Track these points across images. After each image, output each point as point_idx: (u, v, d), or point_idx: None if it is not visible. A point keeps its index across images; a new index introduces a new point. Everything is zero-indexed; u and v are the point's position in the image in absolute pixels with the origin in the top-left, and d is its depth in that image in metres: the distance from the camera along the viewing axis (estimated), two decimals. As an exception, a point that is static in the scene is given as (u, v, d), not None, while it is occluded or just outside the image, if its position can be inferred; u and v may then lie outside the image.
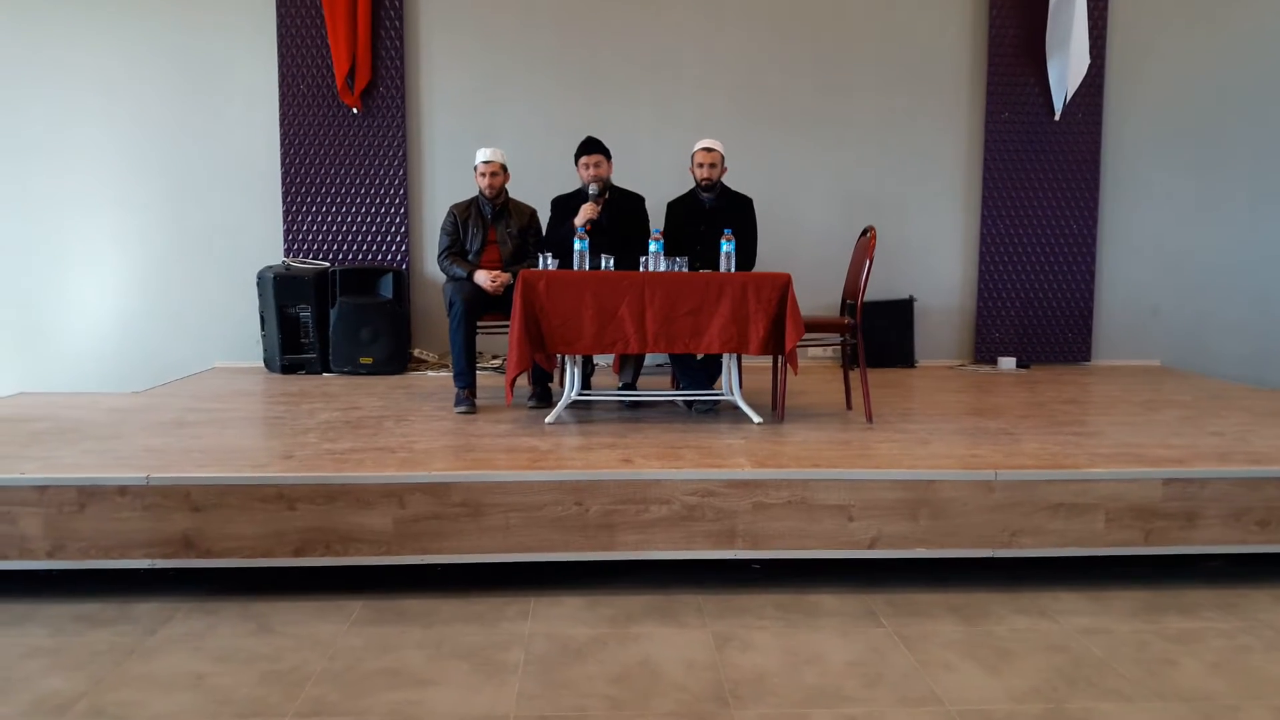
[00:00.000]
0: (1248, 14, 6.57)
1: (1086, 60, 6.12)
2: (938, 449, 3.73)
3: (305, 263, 6.14)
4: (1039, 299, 6.59)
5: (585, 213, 4.59)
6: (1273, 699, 2.55)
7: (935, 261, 6.61)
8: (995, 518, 3.32)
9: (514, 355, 4.08)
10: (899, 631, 2.95)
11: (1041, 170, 6.51)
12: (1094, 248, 6.59)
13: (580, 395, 4.38)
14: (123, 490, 3.14)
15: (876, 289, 6.13)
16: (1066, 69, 6.19)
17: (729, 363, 4.37)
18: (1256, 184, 6.67)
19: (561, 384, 4.50)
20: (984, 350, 6.60)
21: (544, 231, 4.96)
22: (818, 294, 5.72)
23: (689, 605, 3.14)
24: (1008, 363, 6.47)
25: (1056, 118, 6.43)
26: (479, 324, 4.72)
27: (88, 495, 3.13)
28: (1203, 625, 3.03)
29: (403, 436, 3.90)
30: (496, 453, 3.60)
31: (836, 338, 4.66)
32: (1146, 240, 6.65)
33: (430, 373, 5.89)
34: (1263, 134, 6.64)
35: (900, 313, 6.44)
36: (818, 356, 6.44)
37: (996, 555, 3.34)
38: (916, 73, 6.49)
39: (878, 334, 6.12)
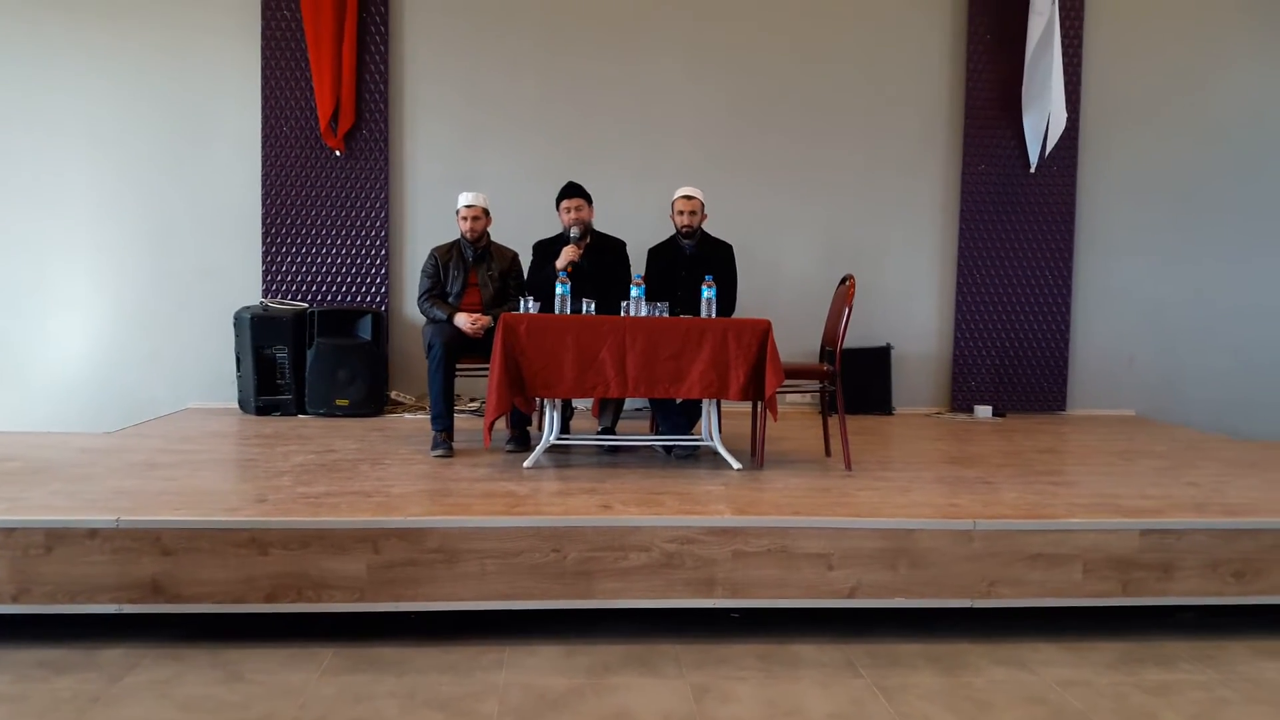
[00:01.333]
0: (1221, 69, 6.72)
1: (1063, 116, 6.23)
2: (917, 497, 3.73)
3: (283, 303, 6.11)
4: (1015, 348, 6.65)
5: (566, 255, 4.61)
6: (1252, 754, 2.54)
7: (912, 310, 6.67)
8: (974, 567, 3.31)
9: (493, 398, 4.06)
10: (878, 683, 2.92)
11: (1017, 221, 6.60)
12: (1069, 298, 6.66)
13: (559, 439, 4.36)
14: (92, 533, 3.08)
15: (854, 336, 6.16)
16: (1043, 123, 6.30)
17: (709, 408, 4.36)
18: (1230, 235, 6.79)
19: (540, 428, 4.47)
20: (960, 398, 6.63)
21: (525, 275, 4.97)
22: (797, 340, 5.74)
23: (667, 655, 3.11)
24: (984, 411, 6.50)
25: (1032, 170, 6.53)
26: (458, 366, 4.70)
27: (55, 538, 3.07)
28: (1181, 677, 3.03)
29: (378, 480, 3.86)
30: (473, 498, 3.57)
31: (816, 384, 4.67)
32: (1121, 291, 6.74)
33: (407, 415, 5.85)
34: (1236, 186, 6.77)
35: (878, 360, 6.47)
36: (796, 402, 6.45)
37: (975, 605, 3.33)
38: (894, 124, 6.59)
39: (855, 381, 6.14)
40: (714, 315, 4.33)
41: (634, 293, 4.30)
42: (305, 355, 5.82)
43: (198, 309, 6.24)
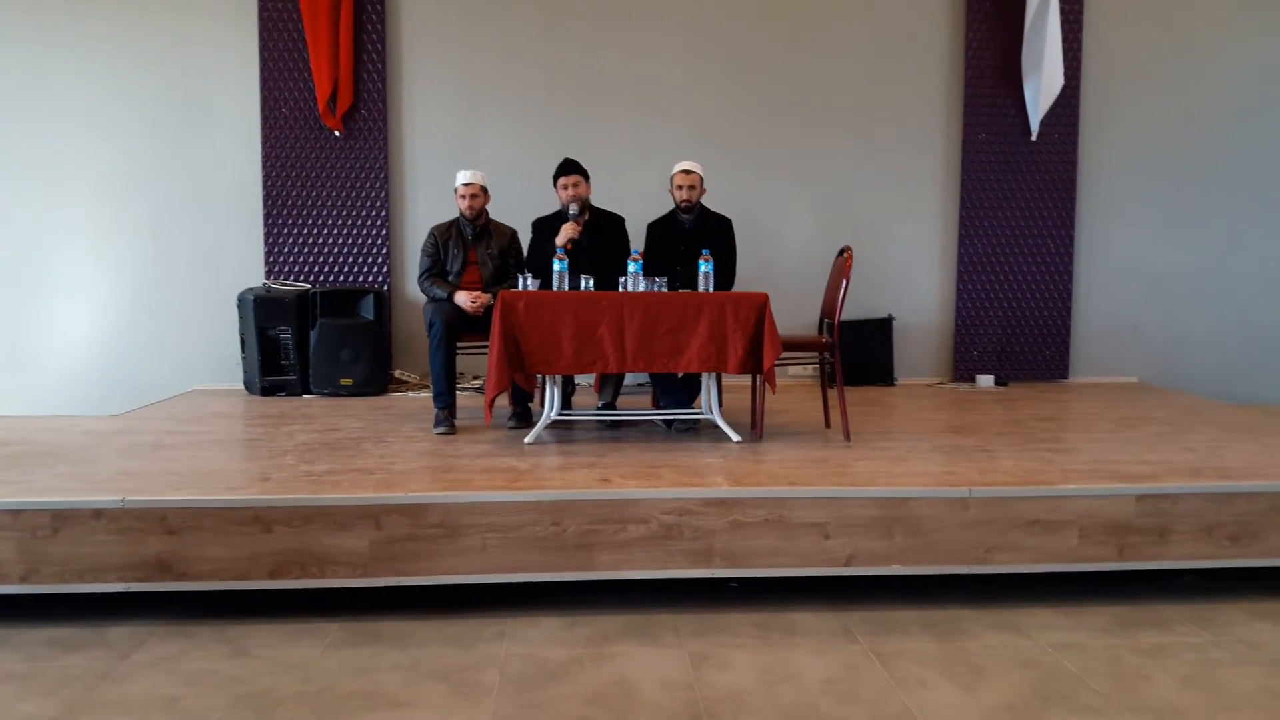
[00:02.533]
0: (1221, 34, 6.67)
1: (1060, 81, 6.21)
2: (914, 466, 3.76)
3: (286, 284, 6.15)
4: (1017, 317, 6.64)
5: (566, 232, 4.62)
6: (1243, 713, 2.57)
7: (914, 280, 6.67)
8: (970, 534, 3.34)
9: (493, 376, 4.09)
10: (874, 649, 2.96)
11: (1019, 190, 6.57)
12: (1071, 266, 6.65)
13: (560, 415, 4.39)
14: (98, 513, 3.13)
15: (856, 308, 6.19)
16: (1040, 90, 6.27)
17: (708, 382, 4.39)
18: (1232, 201, 6.75)
19: (541, 404, 4.51)
20: (963, 368, 6.64)
21: (525, 253, 4.99)
22: (798, 313, 5.77)
23: (666, 624, 3.15)
24: (986, 380, 6.51)
25: (1033, 138, 6.50)
26: (459, 344, 4.73)
27: (62, 519, 3.12)
28: (1175, 640, 3.06)
29: (381, 458, 3.90)
30: (474, 473, 3.60)
31: (815, 356, 4.69)
32: (1123, 258, 6.72)
33: (411, 394, 5.89)
34: (1237, 152, 6.72)
35: (880, 331, 6.48)
36: (798, 375, 6.47)
37: (971, 572, 3.36)
38: (893, 94, 6.55)
39: (858, 352, 6.16)
40: (712, 289, 4.34)
41: (632, 268, 4.31)
42: (309, 336, 5.86)
43: (201, 291, 6.28)
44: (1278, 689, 2.71)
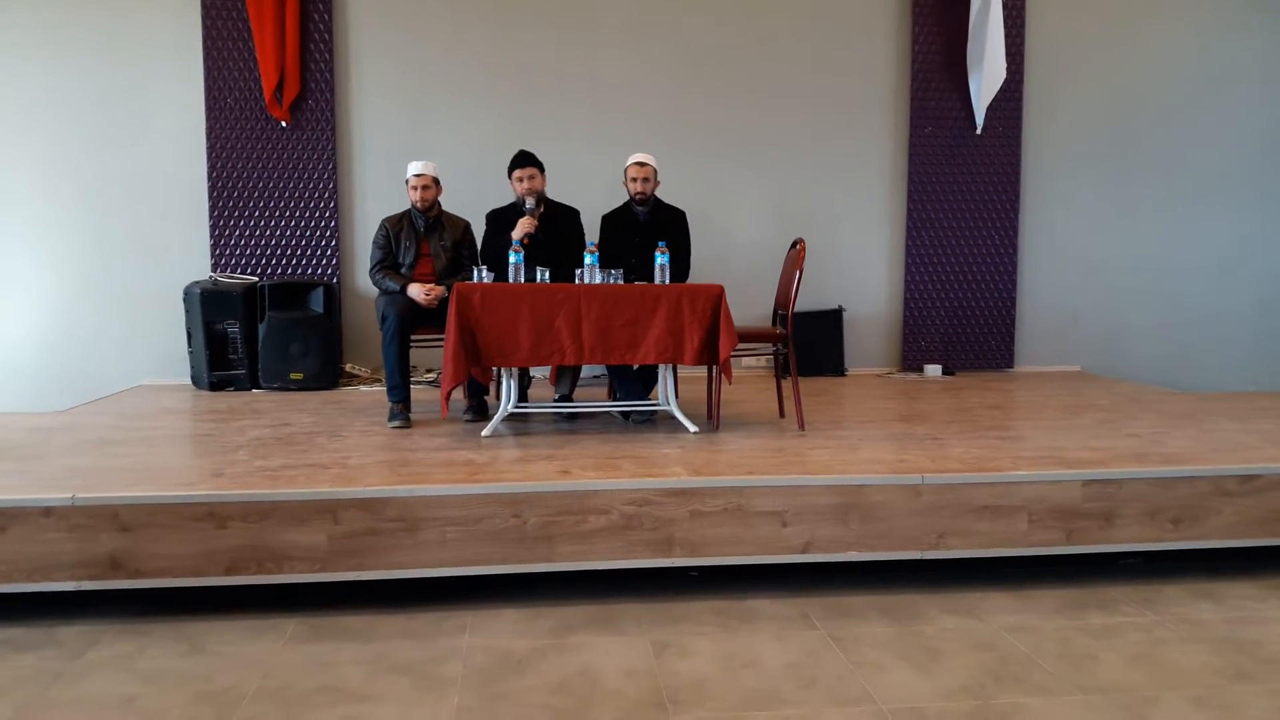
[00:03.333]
0: (1160, 31, 6.85)
1: (1002, 74, 6.33)
2: (867, 454, 3.82)
3: (233, 277, 6.05)
4: (963, 308, 6.77)
5: (523, 226, 4.60)
6: (1187, 689, 2.66)
7: (863, 272, 6.76)
8: (923, 520, 3.41)
9: (449, 369, 4.07)
10: (833, 634, 3.01)
11: (964, 182, 6.70)
12: (1015, 257, 6.79)
13: (517, 408, 4.38)
14: (47, 511, 3.06)
15: (807, 299, 6.27)
16: (983, 82, 6.39)
17: (665, 373, 4.41)
18: (1170, 193, 6.95)
19: (498, 397, 4.49)
20: (911, 358, 6.75)
21: (478, 244, 4.96)
22: (751, 305, 5.83)
23: (628, 614, 3.17)
24: (934, 370, 6.63)
25: (978, 131, 6.62)
26: (413, 337, 4.70)
27: (9, 517, 3.04)
28: (1121, 620, 3.15)
29: (336, 452, 3.86)
30: (432, 467, 3.59)
31: (769, 347, 4.74)
32: (1066, 249, 6.89)
33: (363, 388, 5.83)
34: (1175, 145, 6.92)
35: (830, 322, 6.56)
36: (751, 366, 6.53)
37: (925, 557, 3.43)
38: (843, 88, 6.63)
39: (809, 343, 6.25)
40: (668, 281, 4.36)
41: (588, 260, 4.32)
42: (257, 329, 5.77)
43: (146, 285, 6.16)
44: (1220, 665, 2.82)
